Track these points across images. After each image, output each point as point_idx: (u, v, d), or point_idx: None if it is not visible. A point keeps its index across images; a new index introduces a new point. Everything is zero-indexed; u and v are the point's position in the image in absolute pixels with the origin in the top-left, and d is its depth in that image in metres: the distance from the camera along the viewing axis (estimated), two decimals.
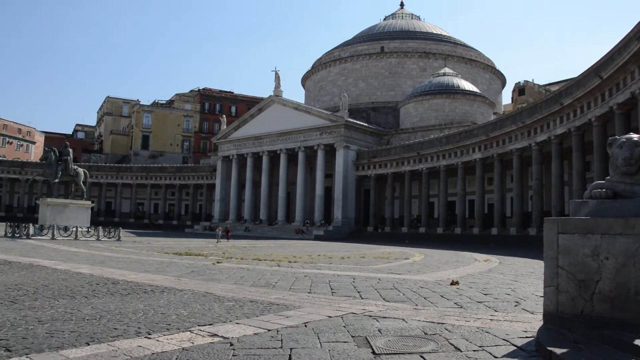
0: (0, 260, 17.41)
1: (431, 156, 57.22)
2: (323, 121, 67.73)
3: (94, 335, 6.73)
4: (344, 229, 62.92)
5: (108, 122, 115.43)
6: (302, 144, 68.65)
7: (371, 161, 64.63)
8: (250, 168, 74.74)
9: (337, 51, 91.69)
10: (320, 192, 66.69)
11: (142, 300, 9.76)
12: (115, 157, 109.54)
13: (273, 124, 71.48)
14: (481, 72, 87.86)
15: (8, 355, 5.71)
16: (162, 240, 41.02)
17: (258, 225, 69.83)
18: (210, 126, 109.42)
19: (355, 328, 7.26)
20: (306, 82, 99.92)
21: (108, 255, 22.02)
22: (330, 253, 29.43)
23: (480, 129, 52.19)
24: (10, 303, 9.13)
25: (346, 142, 65.49)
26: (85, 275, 13.78)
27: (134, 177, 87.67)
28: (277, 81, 72.97)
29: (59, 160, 40.34)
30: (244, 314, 8.36)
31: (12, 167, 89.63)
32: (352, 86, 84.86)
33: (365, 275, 15.94)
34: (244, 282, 13.36)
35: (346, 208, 64.62)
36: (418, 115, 71.50)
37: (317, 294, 11.11)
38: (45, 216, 38.77)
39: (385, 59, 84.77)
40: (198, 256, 23.46)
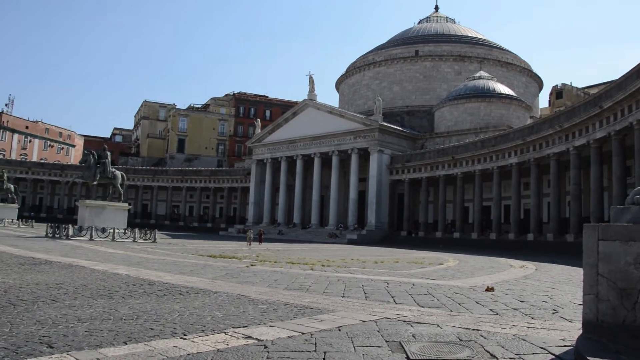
0: (42, 260, 17.85)
1: (466, 160, 56.57)
2: (357, 125, 67.61)
3: (131, 334, 6.85)
4: (378, 233, 62.65)
5: (145, 126, 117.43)
6: (336, 148, 68.66)
7: (405, 165, 64.24)
8: (284, 172, 75.03)
9: (372, 55, 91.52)
10: (353, 196, 66.57)
11: (178, 301, 9.89)
12: (152, 160, 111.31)
13: (307, 128, 71.67)
14: (517, 75, 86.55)
15: (50, 351, 5.87)
16: (197, 243, 41.47)
17: (291, 229, 70.04)
18: (245, 130, 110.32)
19: (389, 333, 7.23)
20: (340, 86, 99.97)
21: (144, 257, 22.35)
22: (364, 257, 29.34)
23: (516, 133, 51.40)
24: (52, 301, 9.37)
25: (380, 146, 65.25)
26: (122, 276, 14.02)
27: (170, 180, 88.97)
28: (311, 85, 73.16)
29: (98, 163, 41.06)
30: (278, 317, 8.40)
31: (53, 169, 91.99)
32: (387, 90, 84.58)
33: (399, 280, 15.85)
34: (278, 285, 13.43)
35: (380, 212, 64.36)
36: (453, 119, 70.83)
37: (351, 298, 11.09)
38: (84, 217, 39.47)
39: (420, 62, 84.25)
40: (232, 259, 23.65)
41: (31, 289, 10.95)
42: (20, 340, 6.37)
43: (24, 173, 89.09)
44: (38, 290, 10.80)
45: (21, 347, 6.04)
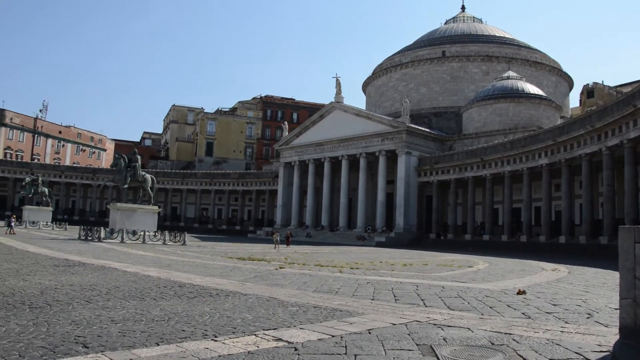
0: (76, 262, 18.18)
1: (495, 162, 55.92)
2: (384, 127, 67.41)
3: (163, 336, 6.94)
4: (406, 235, 62.33)
5: (174, 130, 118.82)
6: (364, 150, 68.53)
7: (433, 167, 63.80)
8: (311, 174, 75.16)
9: (398, 56, 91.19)
10: (381, 198, 66.35)
11: (208, 303, 9.98)
12: (181, 163, 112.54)
13: (334, 130, 71.71)
14: (547, 74, 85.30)
15: (86, 351, 5.98)
16: (226, 245, 41.75)
17: (319, 231, 70.10)
18: (272, 133, 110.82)
19: (419, 336, 7.18)
20: (367, 88, 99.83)
21: (174, 259, 22.59)
22: (392, 260, 29.21)
23: (546, 134, 50.64)
24: (86, 302, 9.54)
25: (408, 148, 64.93)
26: (153, 278, 14.19)
27: (199, 183, 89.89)
28: (338, 87, 73.18)
29: (128, 167, 41.64)
30: (308, 319, 8.41)
31: (85, 173, 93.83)
32: (414, 91, 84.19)
33: (429, 282, 15.74)
34: (307, 287, 13.44)
35: (408, 215, 64.02)
36: (481, 120, 70.14)
37: (380, 301, 11.05)
38: (115, 220, 40.08)
39: (447, 63, 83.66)
40: (261, 261, 23.76)
41: (66, 290, 11.17)
42: (57, 339, 6.52)
43: (57, 177, 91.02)
44: (72, 291, 11.01)
45: (58, 346, 6.18)
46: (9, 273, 14.02)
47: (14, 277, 13.09)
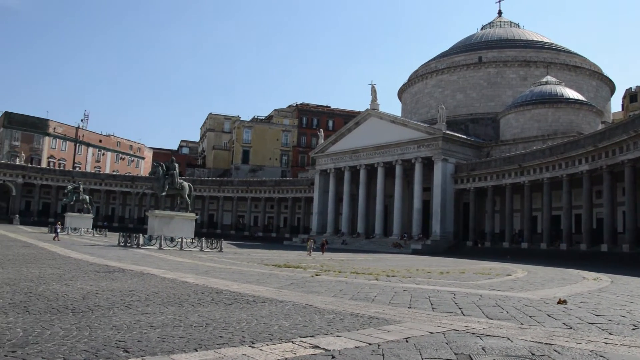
0: (116, 268, 18.53)
1: (534, 168, 54.95)
2: (420, 134, 67.00)
3: (202, 342, 7.01)
4: (442, 243, 61.71)
5: (210, 138, 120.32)
6: (399, 157, 68.21)
7: (470, 174, 63.08)
8: (347, 181, 75.12)
9: (434, 63, 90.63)
10: (418, 205, 65.88)
11: (245, 310, 10.04)
12: (217, 171, 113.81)
13: (370, 138, 71.60)
14: (587, 79, 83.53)
15: (126, 356, 6.10)
16: (262, 252, 41.95)
17: (355, 239, 69.94)
18: (308, 140, 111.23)
19: (457, 345, 7.09)
20: (402, 95, 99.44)
21: (211, 266, 22.80)
22: (429, 268, 28.94)
23: (587, 139, 49.53)
24: (126, 308, 9.71)
25: (444, 155, 64.37)
26: (190, 284, 14.35)
27: (235, 190, 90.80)
28: (374, 94, 73.10)
29: (166, 175, 42.16)
30: (345, 327, 8.39)
31: (124, 181, 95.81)
32: (450, 98, 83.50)
33: (466, 291, 15.54)
34: (343, 295, 13.42)
35: (444, 222, 63.39)
36: (519, 126, 69.08)
37: (417, 309, 10.96)
38: (153, 227, 40.60)
39: (484, 69, 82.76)
40: (297, 268, 23.79)
41: (106, 295, 11.39)
42: (98, 344, 6.65)
43: (97, 184, 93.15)
44: (113, 296, 11.22)
45: (100, 350, 6.31)
46: (52, 278, 14.38)
47: (58, 282, 13.42)
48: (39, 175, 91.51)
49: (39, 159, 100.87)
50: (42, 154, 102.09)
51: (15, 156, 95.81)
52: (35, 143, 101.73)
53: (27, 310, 9.04)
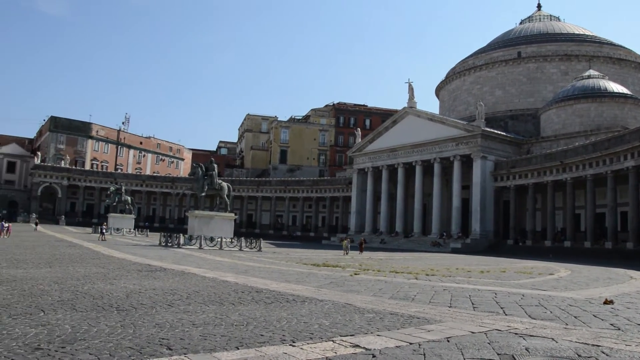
0: (157, 267, 18.88)
1: (576, 165, 53.64)
2: (459, 131, 66.22)
3: (243, 340, 7.09)
4: (482, 242, 60.87)
5: (248, 138, 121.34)
6: (438, 155, 67.55)
7: (510, 171, 61.99)
8: (385, 180, 74.79)
9: (472, 59, 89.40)
10: (457, 204, 65.15)
11: (285, 309, 10.11)
12: (256, 171, 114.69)
13: (407, 136, 71.13)
14: (632, 71, 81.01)
15: (170, 353, 6.22)
16: (300, 252, 42.13)
17: (394, 238, 69.59)
18: (345, 139, 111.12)
19: (500, 345, 6.99)
20: (440, 93, 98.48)
21: (250, 265, 23.02)
22: (469, 266, 28.63)
23: (633, 134, 48.06)
24: (168, 306, 9.90)
25: (483, 153, 63.44)
26: (230, 284, 14.52)
27: (273, 190, 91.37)
28: (411, 92, 72.58)
29: (206, 175, 42.71)
30: (385, 326, 8.37)
31: (165, 182, 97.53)
32: (488, 94, 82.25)
33: (507, 290, 15.31)
34: (383, 294, 13.38)
35: (484, 220, 62.50)
36: (560, 122, 67.58)
37: (458, 309, 10.85)
38: (193, 227, 41.19)
39: (523, 64, 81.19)
40: (335, 267, 23.83)
41: (149, 294, 11.62)
42: (142, 341, 6.81)
43: (139, 186, 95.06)
44: (155, 295, 11.45)
45: (144, 347, 6.45)
46: (97, 277, 14.74)
47: (102, 281, 13.76)
48: (82, 177, 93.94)
49: (82, 161, 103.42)
50: (85, 157, 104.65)
51: (60, 159, 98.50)
52: (79, 146, 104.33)
53: (74, 307, 9.31)
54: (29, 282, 12.88)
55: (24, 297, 10.48)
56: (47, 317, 8.28)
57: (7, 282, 12.73)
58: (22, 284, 12.47)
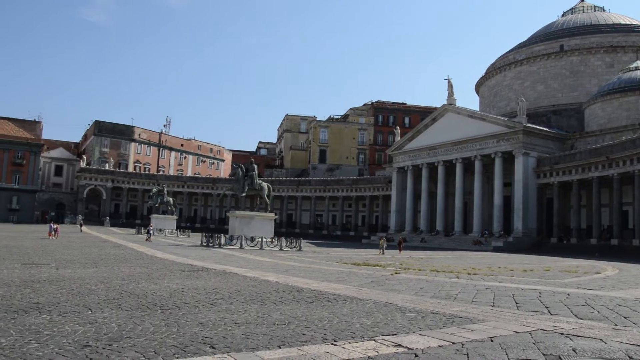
0: (199, 267, 19.15)
1: (623, 160, 52.04)
2: (500, 128, 65.13)
3: (285, 339, 7.14)
4: (525, 240, 59.71)
5: (287, 139, 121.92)
6: (478, 153, 66.59)
7: (553, 168, 60.61)
8: (425, 178, 74.15)
9: (512, 54, 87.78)
10: (498, 201, 64.10)
11: (326, 308, 10.12)
12: (295, 171, 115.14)
13: (447, 133, 70.34)
14: None
15: (213, 351, 6.31)
16: (340, 251, 42.14)
17: (434, 236, 68.94)
18: (384, 138, 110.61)
19: (546, 346, 6.85)
20: (480, 89, 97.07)
21: (291, 265, 23.13)
22: (511, 265, 28.16)
23: None
24: (210, 305, 10.03)
25: (525, 149, 62.22)
26: (272, 283, 14.61)
27: (313, 190, 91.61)
28: (450, 89, 71.75)
29: (246, 176, 43.06)
30: (427, 326, 8.30)
31: (206, 183, 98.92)
32: (530, 89, 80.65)
33: (552, 289, 15.00)
34: (424, 293, 13.27)
35: (527, 218, 61.29)
36: (606, 116, 65.78)
37: (501, 308, 10.68)
38: (234, 227, 41.59)
39: (566, 57, 79.25)
40: (376, 266, 23.75)
41: (192, 293, 11.80)
42: (186, 339, 6.92)
43: (180, 187, 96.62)
44: (198, 294, 11.61)
45: (188, 346, 6.56)
46: (141, 277, 15.04)
47: (146, 281, 14.03)
48: (126, 180, 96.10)
49: (126, 164, 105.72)
50: (128, 159, 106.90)
51: (104, 162, 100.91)
52: (122, 149, 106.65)
53: (119, 306, 9.52)
54: (76, 282, 13.25)
55: (73, 295, 10.79)
56: (94, 316, 8.50)
57: (56, 282, 13.11)
58: (70, 284, 12.83)
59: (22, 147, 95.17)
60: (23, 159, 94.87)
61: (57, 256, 22.43)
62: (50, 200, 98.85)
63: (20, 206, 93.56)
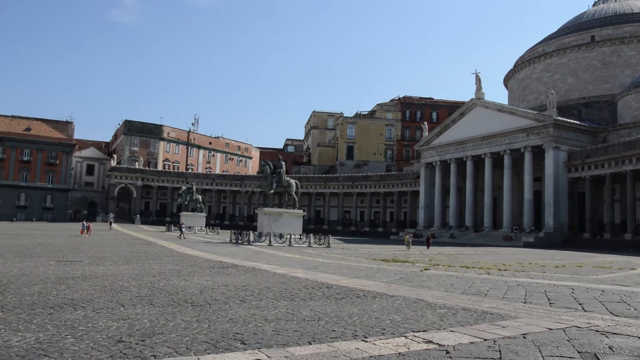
0: (229, 264, 19.29)
1: None
2: (529, 122, 64.17)
3: (315, 335, 7.14)
4: (556, 235, 58.77)
5: (315, 135, 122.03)
6: (507, 147, 65.71)
7: (585, 162, 59.48)
8: (454, 174, 73.52)
9: (541, 46, 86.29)
10: (528, 196, 63.20)
11: (356, 304, 10.10)
12: (323, 167, 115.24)
13: (476, 128, 69.58)
14: None
15: (244, 347, 6.35)
16: (369, 247, 42.04)
17: (463, 232, 68.34)
18: (412, 134, 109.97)
19: (580, 343, 6.72)
20: (509, 82, 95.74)
21: (319, 261, 23.15)
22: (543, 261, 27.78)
23: None
24: (240, 302, 10.10)
25: (556, 143, 61.18)
26: (301, 279, 14.64)
27: (341, 186, 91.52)
28: (478, 84, 70.94)
29: (274, 173, 43.23)
30: (458, 322, 8.22)
31: (234, 180, 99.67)
32: (560, 82, 79.18)
33: (585, 285, 14.74)
34: (454, 289, 13.17)
35: (558, 213, 60.30)
36: None
37: (533, 304, 10.54)
38: (262, 224, 41.84)
39: (597, 48, 77.51)
40: (405, 263, 23.65)
41: (222, 290, 11.90)
42: (217, 335, 6.98)
43: (209, 185, 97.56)
44: (228, 291, 11.70)
45: (219, 342, 6.61)
46: (172, 274, 15.22)
47: (177, 277, 14.19)
48: (155, 178, 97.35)
49: (155, 162, 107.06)
50: (158, 158, 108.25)
51: (134, 161, 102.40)
52: (151, 148, 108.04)
53: (151, 303, 9.65)
54: (109, 279, 13.46)
55: (105, 292, 10.97)
56: (127, 312, 8.63)
57: (89, 279, 13.35)
58: (103, 280, 13.05)
59: (55, 147, 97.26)
60: (56, 159, 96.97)
61: (89, 253, 22.84)
62: (82, 199, 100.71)
63: (54, 205, 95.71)
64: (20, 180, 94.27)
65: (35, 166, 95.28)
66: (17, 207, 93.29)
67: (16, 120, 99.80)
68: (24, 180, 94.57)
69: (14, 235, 39.48)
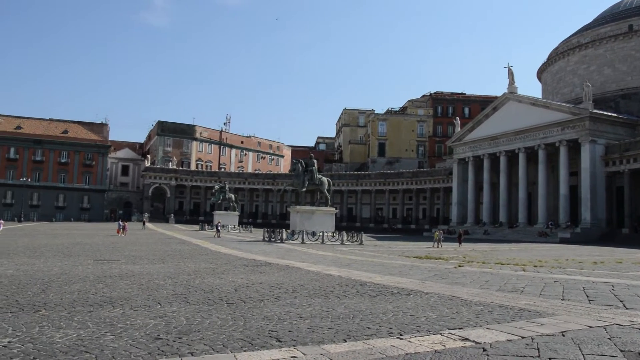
0: (262, 262, 19.41)
1: None
2: (564, 115, 62.93)
3: (350, 332, 7.14)
4: (593, 231, 57.54)
5: (346, 133, 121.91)
6: (542, 141, 64.56)
7: (623, 155, 58.07)
8: (487, 169, 72.62)
9: (576, 37, 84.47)
10: (564, 191, 61.99)
11: (390, 302, 10.07)
12: (354, 165, 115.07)
13: (509, 123, 68.55)
14: None
15: (279, 345, 6.39)
16: (401, 244, 41.84)
17: (497, 228, 67.45)
18: (444, 129, 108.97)
19: (623, 341, 6.56)
20: (542, 75, 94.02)
21: (352, 259, 23.13)
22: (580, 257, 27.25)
23: None
24: (275, 299, 10.15)
25: (592, 136, 59.88)
26: (334, 277, 14.64)
27: (373, 183, 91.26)
28: (511, 77, 69.89)
29: (306, 171, 43.32)
30: (494, 319, 8.12)
31: (266, 179, 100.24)
32: (596, 74, 77.39)
33: (626, 282, 14.40)
34: (490, 286, 13.01)
35: (595, 208, 59.01)
36: None
37: (571, 301, 10.34)
38: (295, 222, 41.99)
39: (635, 38, 75.39)
40: (439, 260, 23.47)
41: (256, 287, 11.98)
42: (253, 333, 7.04)
43: (241, 183, 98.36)
44: (262, 289, 11.78)
45: (254, 339, 6.66)
46: (207, 272, 15.39)
47: (212, 276, 14.34)
48: (189, 177, 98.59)
49: (188, 162, 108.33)
50: (191, 158, 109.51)
51: (168, 161, 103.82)
52: (184, 148, 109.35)
53: (187, 301, 9.78)
54: (145, 277, 13.68)
55: (142, 290, 11.15)
56: (163, 310, 8.76)
57: (126, 277, 13.59)
58: (139, 279, 13.27)
59: (91, 149, 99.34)
60: (92, 160, 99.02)
61: (126, 252, 23.24)
62: (118, 199, 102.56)
63: (90, 205, 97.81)
64: (58, 182, 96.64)
65: (72, 168, 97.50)
66: (56, 207, 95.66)
67: (54, 124, 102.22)
68: (62, 182, 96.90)
69: (54, 235, 40.43)
